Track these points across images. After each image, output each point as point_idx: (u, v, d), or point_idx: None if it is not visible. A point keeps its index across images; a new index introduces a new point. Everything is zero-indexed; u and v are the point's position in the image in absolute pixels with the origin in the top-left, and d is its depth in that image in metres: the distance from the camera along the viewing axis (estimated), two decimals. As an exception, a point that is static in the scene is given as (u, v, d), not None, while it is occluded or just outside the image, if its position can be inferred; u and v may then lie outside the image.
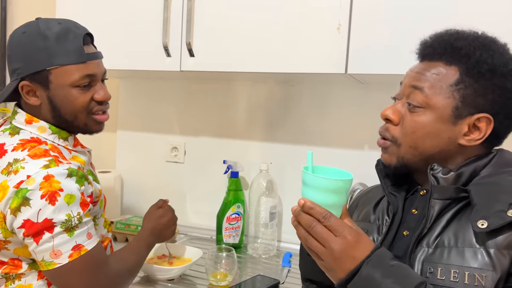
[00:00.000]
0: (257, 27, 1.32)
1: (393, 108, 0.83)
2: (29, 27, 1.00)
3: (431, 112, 0.79)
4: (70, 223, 0.92)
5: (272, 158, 1.66)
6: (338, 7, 1.22)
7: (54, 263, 0.93)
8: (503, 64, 0.77)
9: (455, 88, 0.77)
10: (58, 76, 0.99)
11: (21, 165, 0.93)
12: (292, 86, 1.63)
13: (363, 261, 0.70)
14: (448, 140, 0.79)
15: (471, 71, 0.77)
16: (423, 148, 0.80)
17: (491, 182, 0.76)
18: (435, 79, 0.78)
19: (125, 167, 1.92)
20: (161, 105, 1.85)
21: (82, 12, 1.54)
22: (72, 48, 0.99)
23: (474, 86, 0.77)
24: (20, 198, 0.90)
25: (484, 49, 0.77)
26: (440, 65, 0.79)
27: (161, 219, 1.20)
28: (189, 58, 1.40)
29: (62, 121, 1.04)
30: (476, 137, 0.78)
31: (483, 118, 0.77)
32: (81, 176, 0.97)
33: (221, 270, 1.25)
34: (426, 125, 0.79)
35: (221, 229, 1.58)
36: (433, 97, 0.78)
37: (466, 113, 0.77)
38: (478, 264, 0.70)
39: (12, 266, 0.99)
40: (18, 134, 1.01)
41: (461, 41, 0.79)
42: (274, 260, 1.51)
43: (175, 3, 1.41)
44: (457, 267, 0.71)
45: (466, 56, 0.77)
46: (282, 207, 1.66)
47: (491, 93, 0.77)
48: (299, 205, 0.73)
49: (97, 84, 1.05)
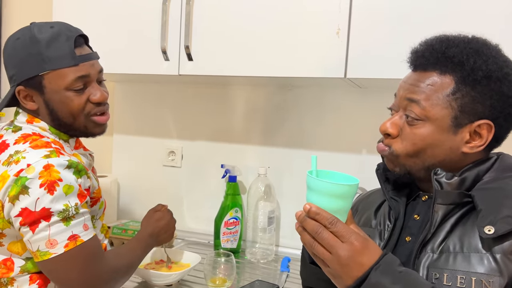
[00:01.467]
0: (256, 31, 1.32)
1: (391, 122, 0.82)
2: (22, 33, 1.01)
3: (430, 124, 0.78)
4: (67, 213, 0.93)
5: (270, 162, 1.66)
6: (337, 12, 1.22)
7: (49, 253, 0.92)
8: (498, 68, 0.76)
9: (452, 98, 0.77)
10: (51, 80, 1.00)
11: (22, 155, 0.94)
12: (290, 90, 1.63)
13: (371, 268, 0.69)
14: (450, 149, 0.79)
15: (467, 79, 0.76)
16: (424, 158, 0.80)
17: (495, 187, 0.76)
18: (431, 90, 0.78)
19: (121, 171, 1.90)
20: (158, 109, 1.84)
21: (79, 16, 1.53)
22: (63, 52, 0.99)
23: (471, 94, 0.76)
24: (19, 186, 0.91)
25: (477, 55, 0.77)
26: (434, 75, 0.78)
27: (159, 222, 1.20)
28: (188, 62, 1.40)
29: (61, 124, 1.05)
30: (478, 144, 0.78)
31: (483, 125, 0.77)
32: (80, 170, 0.98)
33: (219, 275, 1.24)
34: (426, 137, 0.78)
35: (219, 234, 1.57)
36: (431, 109, 0.77)
37: (466, 121, 0.77)
38: (484, 269, 0.70)
39: (4, 270, 0.98)
40: (20, 130, 1.03)
41: (453, 49, 0.78)
42: (272, 265, 1.50)
43: (173, 7, 1.41)
44: (464, 272, 0.71)
45: (459, 64, 0.77)
46: (280, 211, 1.65)
47: (489, 99, 0.76)
48: (304, 210, 0.72)
49: (93, 85, 1.04)
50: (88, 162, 1.10)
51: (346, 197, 0.73)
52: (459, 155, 0.79)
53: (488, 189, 0.76)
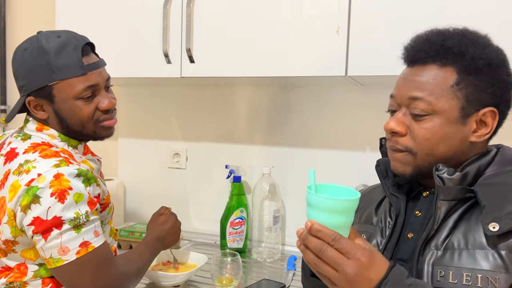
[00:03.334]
0: (257, 32, 1.32)
1: (396, 120, 0.80)
2: (30, 43, 1.02)
3: (438, 117, 0.77)
4: (78, 220, 0.94)
5: (274, 161, 1.66)
6: (337, 11, 1.22)
7: (62, 260, 0.94)
8: (495, 55, 0.77)
9: (456, 88, 0.76)
10: (60, 90, 1.01)
11: (32, 165, 0.96)
12: (292, 90, 1.64)
13: (380, 283, 0.67)
14: (460, 141, 0.78)
15: (469, 68, 0.76)
16: (438, 153, 0.78)
17: (498, 182, 0.75)
18: (433, 84, 0.77)
19: (127, 174, 1.92)
20: (161, 112, 1.85)
21: (81, 21, 1.54)
22: (71, 62, 1.00)
23: (475, 83, 0.76)
24: (31, 195, 0.92)
25: (474, 44, 0.77)
26: (434, 68, 0.77)
27: (164, 226, 1.21)
28: (189, 64, 1.41)
29: (71, 131, 1.07)
30: (484, 132, 0.78)
31: (488, 112, 0.77)
32: (89, 178, 0.99)
33: (226, 275, 1.25)
34: (437, 131, 0.77)
35: (225, 234, 1.58)
36: (437, 102, 0.76)
37: (472, 110, 0.77)
38: (490, 266, 0.69)
39: (17, 274, 0.99)
40: (29, 139, 1.04)
41: (451, 41, 0.77)
42: (279, 263, 1.51)
43: (174, 10, 1.42)
44: (469, 270, 0.70)
45: (460, 54, 0.76)
46: (285, 210, 1.66)
47: (491, 86, 0.77)
48: (306, 227, 0.69)
49: (101, 93, 1.06)
50: (97, 167, 1.12)
51: (348, 212, 0.70)
52: (468, 146, 0.79)
53: (490, 184, 0.75)
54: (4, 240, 0.97)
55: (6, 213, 0.95)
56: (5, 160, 1.02)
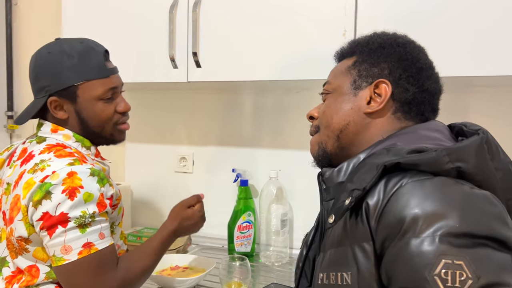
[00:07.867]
0: (262, 36, 1.33)
1: (314, 108, 0.90)
2: (53, 47, 1.06)
3: (334, 93, 0.85)
4: (83, 219, 0.94)
5: (280, 165, 1.66)
6: (343, 15, 1.22)
7: (63, 259, 0.94)
8: (393, 39, 0.82)
9: (351, 67, 0.84)
10: (84, 90, 1.05)
11: (47, 163, 0.98)
12: (298, 93, 1.64)
13: None
14: (352, 110, 0.81)
15: (364, 50, 0.83)
16: (333, 125, 0.83)
17: (353, 171, 0.74)
18: (337, 69, 0.87)
19: (134, 179, 1.93)
20: (168, 116, 1.86)
21: (88, 28, 1.55)
22: (95, 65, 1.06)
23: (368, 61, 0.82)
24: (43, 191, 0.93)
25: (375, 35, 0.85)
26: (345, 60, 0.87)
27: (187, 222, 1.15)
28: (196, 69, 1.41)
29: (89, 133, 1.10)
30: (379, 102, 0.79)
31: (380, 84, 0.79)
32: (102, 178, 1.00)
33: (235, 279, 1.25)
34: (331, 103, 0.85)
35: (232, 238, 1.58)
36: (334, 81, 0.86)
37: (364, 84, 0.81)
38: (347, 263, 0.66)
39: (28, 278, 0.99)
40: (44, 141, 1.06)
41: (360, 38, 0.87)
42: (287, 267, 1.51)
43: (180, 15, 1.42)
44: (334, 268, 0.68)
45: (360, 44, 0.85)
46: (293, 213, 1.66)
47: (385, 62, 0.80)
48: None
49: (119, 97, 1.12)
50: (108, 170, 1.13)
51: None
52: (363, 118, 0.80)
53: (351, 173, 0.75)
54: (18, 237, 0.97)
55: (20, 211, 0.96)
56: (21, 163, 1.03)
